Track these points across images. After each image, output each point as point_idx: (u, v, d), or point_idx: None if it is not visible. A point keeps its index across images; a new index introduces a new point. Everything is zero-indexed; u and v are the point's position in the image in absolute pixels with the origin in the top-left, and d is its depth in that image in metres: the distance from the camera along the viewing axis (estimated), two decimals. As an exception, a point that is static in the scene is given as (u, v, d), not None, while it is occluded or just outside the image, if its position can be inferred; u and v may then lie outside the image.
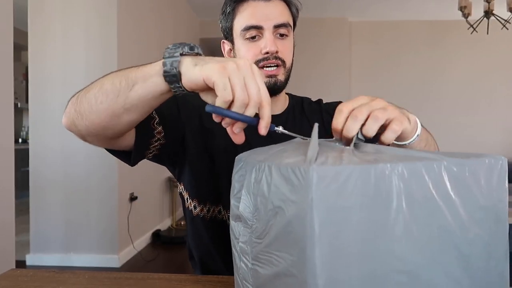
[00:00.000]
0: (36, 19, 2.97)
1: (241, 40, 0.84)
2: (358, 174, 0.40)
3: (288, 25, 0.84)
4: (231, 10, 0.85)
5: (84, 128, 0.64)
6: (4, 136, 1.86)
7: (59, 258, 2.97)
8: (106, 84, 0.59)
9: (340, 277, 0.39)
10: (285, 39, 0.84)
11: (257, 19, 0.81)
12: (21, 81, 5.75)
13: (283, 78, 0.85)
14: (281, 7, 0.83)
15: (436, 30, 5.52)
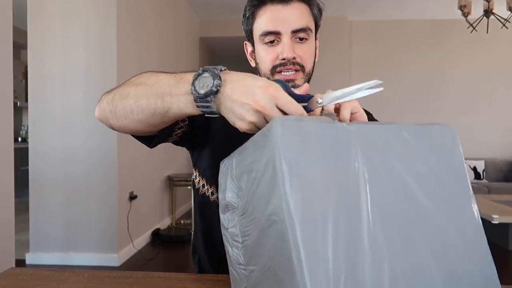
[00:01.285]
0: (36, 18, 2.97)
1: (260, 44, 0.83)
2: (318, 128, 0.46)
3: (307, 29, 0.81)
4: (250, 14, 0.84)
5: (118, 127, 0.69)
6: (3, 135, 1.86)
7: (58, 257, 2.97)
8: (142, 100, 0.62)
9: (314, 216, 0.41)
10: (304, 43, 0.82)
11: (275, 24, 0.80)
12: (21, 80, 5.74)
13: (302, 83, 0.83)
14: (300, 10, 0.81)
15: (436, 29, 5.53)
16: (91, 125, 2.95)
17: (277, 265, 0.43)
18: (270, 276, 0.44)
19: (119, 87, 0.68)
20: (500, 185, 4.85)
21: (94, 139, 2.96)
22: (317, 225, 0.41)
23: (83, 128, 2.96)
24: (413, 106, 5.47)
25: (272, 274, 0.44)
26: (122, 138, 2.96)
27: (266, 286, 0.46)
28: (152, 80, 0.62)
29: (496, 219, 3.15)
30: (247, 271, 0.51)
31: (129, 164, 3.15)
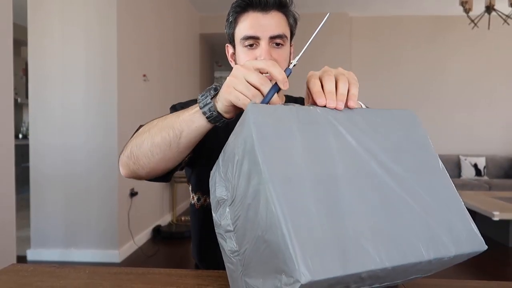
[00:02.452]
0: (36, 14, 2.97)
1: (240, 47, 0.90)
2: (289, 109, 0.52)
3: (283, 36, 0.88)
4: (233, 19, 0.91)
5: (146, 174, 0.76)
6: (4, 132, 1.86)
7: (59, 254, 2.98)
8: (156, 138, 0.70)
9: (293, 178, 0.45)
10: (280, 48, 0.89)
11: (255, 30, 0.87)
12: (21, 76, 5.74)
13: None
14: (278, 19, 0.88)
15: (437, 26, 5.51)
16: (91, 121, 2.95)
17: (264, 229, 0.45)
18: (261, 245, 0.46)
19: (132, 140, 0.76)
20: (501, 182, 4.85)
21: (95, 136, 2.96)
22: (296, 185, 0.45)
23: (84, 125, 2.96)
24: (413, 102, 5.47)
25: (262, 241, 0.46)
26: (122, 135, 2.96)
27: (258, 257, 0.47)
28: (160, 120, 0.72)
29: (496, 215, 3.15)
30: (240, 254, 0.52)
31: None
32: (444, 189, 0.55)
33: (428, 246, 0.48)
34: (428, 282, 0.69)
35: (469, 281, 0.72)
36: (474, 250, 0.51)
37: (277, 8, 0.88)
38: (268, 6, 0.87)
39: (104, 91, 2.95)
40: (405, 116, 0.61)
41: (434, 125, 5.47)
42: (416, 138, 0.59)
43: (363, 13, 5.50)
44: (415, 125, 0.60)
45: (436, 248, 0.48)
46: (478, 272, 2.90)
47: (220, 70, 9.42)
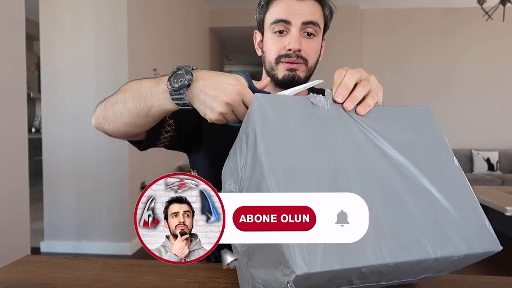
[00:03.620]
0: (47, 9, 2.99)
1: (269, 33, 0.86)
2: (294, 100, 0.52)
3: (317, 24, 0.84)
4: (265, 3, 0.87)
5: (111, 131, 0.78)
6: (17, 126, 1.89)
7: (72, 246, 3.03)
8: (128, 104, 0.70)
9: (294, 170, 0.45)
10: (311, 38, 0.85)
11: (287, 14, 0.83)
12: (33, 71, 5.81)
13: (303, 76, 0.86)
14: (314, 7, 0.84)
15: (450, 18, 5.41)
16: (103, 115, 2.98)
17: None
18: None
19: (110, 96, 0.76)
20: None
21: (106, 129, 2.98)
22: (297, 178, 0.45)
23: (95, 119, 2.98)
24: (425, 96, 5.40)
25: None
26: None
27: (261, 249, 0.48)
28: (136, 85, 0.70)
29: (509, 211, 3.11)
30: (246, 245, 0.53)
31: (140, 155, 3.16)
32: (458, 186, 0.53)
33: (435, 243, 0.46)
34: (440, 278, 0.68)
35: (481, 277, 0.71)
36: (488, 250, 0.49)
37: None
38: None
39: (114, 85, 2.95)
40: (421, 112, 0.59)
41: (446, 119, 5.40)
42: (430, 134, 0.57)
43: (374, 6, 5.43)
44: (429, 121, 0.58)
45: (444, 246, 0.46)
46: (490, 268, 2.87)
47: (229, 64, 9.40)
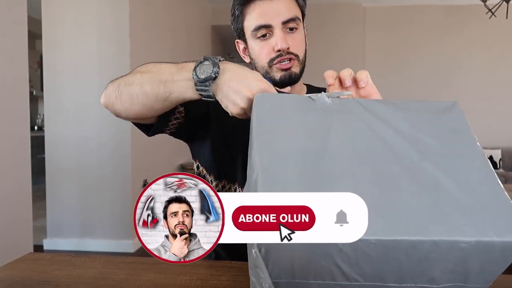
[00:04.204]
0: (49, 7, 2.99)
1: (253, 40, 0.87)
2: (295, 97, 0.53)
3: (296, 18, 0.85)
4: (239, 12, 0.88)
5: (123, 111, 0.76)
6: (20, 124, 1.89)
7: (75, 243, 3.04)
8: (146, 86, 0.69)
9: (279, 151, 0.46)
10: (295, 32, 0.86)
11: (265, 18, 0.83)
12: (36, 69, 5.81)
13: (298, 70, 0.87)
14: (287, 2, 0.85)
15: (453, 15, 5.39)
16: (105, 113, 2.97)
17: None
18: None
19: (124, 76, 0.75)
20: (517, 175, 4.77)
21: (108, 127, 2.99)
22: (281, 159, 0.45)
23: (97, 116, 2.99)
24: (427, 93, 5.38)
25: None
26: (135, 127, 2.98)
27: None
28: (156, 68, 0.70)
29: (512, 209, 3.10)
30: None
31: (142, 153, 3.18)
32: (476, 173, 0.46)
33: (433, 224, 0.40)
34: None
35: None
36: (507, 238, 0.40)
37: None
38: None
39: (117, 83, 2.97)
40: (443, 106, 0.55)
41: (448, 117, 5.39)
42: (449, 124, 0.52)
43: (376, 3, 5.41)
44: (451, 113, 0.54)
45: (445, 228, 0.40)
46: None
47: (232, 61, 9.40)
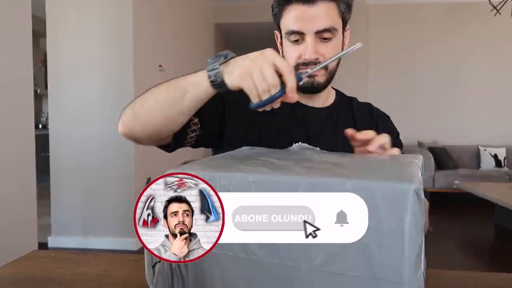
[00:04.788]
0: (53, 5, 3.00)
1: (286, 40, 0.85)
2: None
3: (332, 29, 0.81)
4: (277, 11, 0.85)
5: (141, 132, 0.74)
6: (25, 123, 1.90)
7: (79, 241, 3.06)
8: (160, 96, 0.69)
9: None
10: (328, 42, 0.82)
11: (299, 25, 0.80)
12: (40, 67, 5.83)
13: (323, 80, 0.86)
14: (326, 10, 0.80)
15: (456, 13, 5.36)
16: (109, 111, 2.99)
17: None
18: None
19: (134, 100, 0.74)
20: (522, 173, 4.74)
21: (112, 125, 2.98)
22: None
23: (101, 115, 3.00)
24: (431, 92, 5.36)
25: None
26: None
27: None
28: (165, 82, 0.71)
29: (516, 207, 3.08)
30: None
31: (146, 151, 3.18)
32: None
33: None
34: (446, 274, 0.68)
35: (488, 274, 0.71)
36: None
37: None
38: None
39: (120, 81, 2.98)
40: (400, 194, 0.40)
41: (452, 115, 5.36)
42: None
43: (380, 1, 5.39)
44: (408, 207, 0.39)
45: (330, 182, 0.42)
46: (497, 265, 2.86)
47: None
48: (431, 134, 5.31)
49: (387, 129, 0.91)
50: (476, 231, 3.85)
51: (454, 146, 5.19)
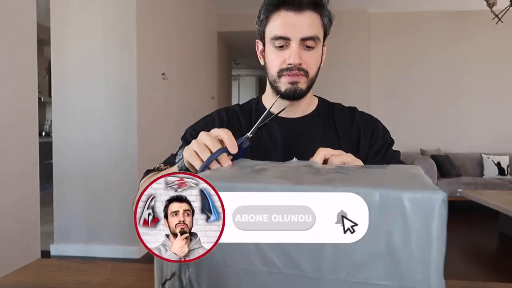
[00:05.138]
0: (58, 14, 3.03)
1: (270, 47, 0.88)
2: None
3: (316, 38, 0.85)
4: (264, 17, 0.88)
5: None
6: (29, 130, 1.91)
7: (81, 249, 3.05)
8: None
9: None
10: (311, 50, 0.86)
11: (285, 30, 0.84)
12: (44, 75, 5.88)
13: (304, 87, 0.88)
14: (312, 19, 0.85)
15: (458, 21, 5.38)
16: (112, 119, 3.01)
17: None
18: None
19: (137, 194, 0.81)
20: (525, 181, 4.72)
21: (115, 133, 3.01)
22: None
23: (104, 123, 3.01)
24: (434, 100, 5.37)
25: None
26: (142, 133, 3.00)
27: None
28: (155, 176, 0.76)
29: (520, 215, 3.07)
30: None
31: (149, 159, 3.19)
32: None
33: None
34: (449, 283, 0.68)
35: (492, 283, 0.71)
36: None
37: (312, 8, 0.84)
38: (303, 6, 0.83)
39: (124, 90, 3.00)
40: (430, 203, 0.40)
41: (455, 122, 5.36)
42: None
43: (382, 9, 5.42)
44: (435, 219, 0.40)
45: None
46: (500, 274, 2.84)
47: (237, 68, 9.44)
48: (434, 141, 5.30)
49: (370, 133, 0.93)
50: (479, 240, 3.82)
51: (457, 154, 5.18)
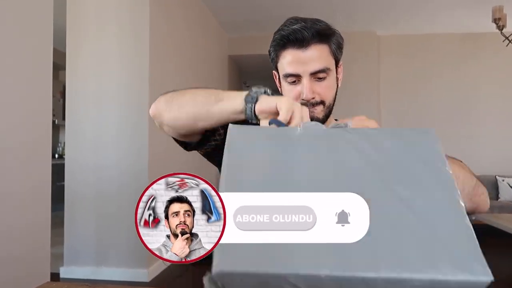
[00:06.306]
0: (74, 40, 3.12)
1: (284, 82, 0.90)
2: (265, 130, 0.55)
3: (326, 69, 0.86)
4: (274, 56, 0.91)
5: (169, 120, 0.80)
6: (42, 152, 1.94)
7: (90, 271, 3.04)
8: (199, 96, 0.75)
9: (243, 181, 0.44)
10: (323, 81, 0.87)
11: (294, 68, 0.85)
12: (59, 99, 6.01)
13: (321, 115, 0.89)
14: (319, 52, 0.86)
15: (468, 43, 5.39)
16: (124, 142, 3.04)
17: None
18: None
19: (177, 91, 0.81)
20: (542, 204, 4.59)
21: (127, 156, 3.03)
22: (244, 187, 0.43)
23: (116, 146, 3.05)
24: (445, 122, 5.32)
25: None
26: (153, 155, 3.02)
27: None
28: (208, 88, 0.77)
29: (539, 240, 2.97)
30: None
31: (159, 180, 3.21)
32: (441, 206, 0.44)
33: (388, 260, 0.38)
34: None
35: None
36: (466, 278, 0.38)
37: (318, 41, 0.85)
38: (306, 42, 0.84)
39: (136, 113, 3.04)
40: (419, 133, 0.53)
41: (468, 144, 5.29)
42: (425, 156, 0.50)
43: (391, 32, 5.46)
44: (428, 143, 0.52)
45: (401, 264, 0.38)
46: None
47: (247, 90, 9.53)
48: (447, 163, 5.22)
49: None
50: (496, 266, 3.70)
51: (470, 176, 5.08)
